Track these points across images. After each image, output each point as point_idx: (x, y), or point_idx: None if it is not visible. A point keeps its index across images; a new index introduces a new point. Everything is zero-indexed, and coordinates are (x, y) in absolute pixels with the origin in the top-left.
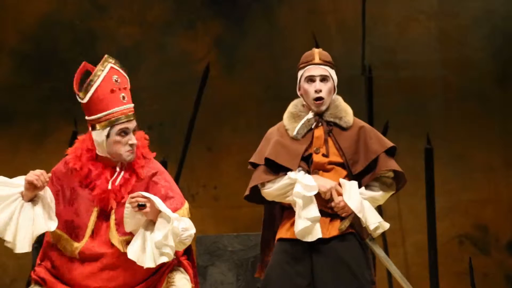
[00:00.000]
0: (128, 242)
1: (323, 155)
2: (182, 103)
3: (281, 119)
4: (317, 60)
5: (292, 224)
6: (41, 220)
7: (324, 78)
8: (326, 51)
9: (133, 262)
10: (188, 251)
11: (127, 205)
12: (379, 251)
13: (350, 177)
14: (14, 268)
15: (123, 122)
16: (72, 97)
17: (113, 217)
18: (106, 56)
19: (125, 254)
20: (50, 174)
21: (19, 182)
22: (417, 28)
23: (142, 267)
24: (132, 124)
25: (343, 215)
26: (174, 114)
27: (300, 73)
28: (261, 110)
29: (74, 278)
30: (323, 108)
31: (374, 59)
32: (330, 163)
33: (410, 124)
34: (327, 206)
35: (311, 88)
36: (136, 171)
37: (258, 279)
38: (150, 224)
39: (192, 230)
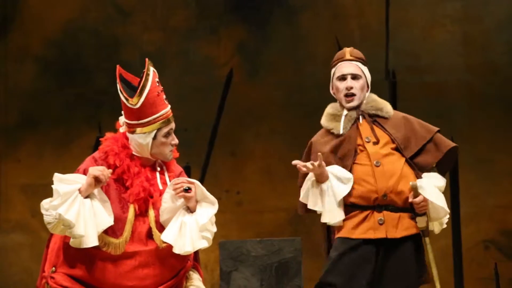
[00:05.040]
0: None
1: (374, 143)
2: (206, 109)
3: (304, 123)
4: (347, 56)
5: (358, 223)
6: (103, 214)
7: (355, 77)
8: None
9: (165, 260)
10: (196, 256)
11: (167, 190)
12: (430, 251)
13: (407, 162)
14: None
15: (169, 124)
16: (96, 102)
17: (152, 214)
18: (147, 59)
19: (159, 252)
20: (111, 170)
21: (74, 178)
22: (441, 33)
23: (172, 264)
24: (174, 125)
25: (420, 211)
26: (197, 119)
27: (332, 71)
28: (284, 115)
29: (107, 278)
30: (355, 104)
31: (398, 63)
32: (385, 151)
33: None
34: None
35: (342, 85)
36: (172, 169)
37: (281, 284)
38: (186, 212)
39: (215, 229)
